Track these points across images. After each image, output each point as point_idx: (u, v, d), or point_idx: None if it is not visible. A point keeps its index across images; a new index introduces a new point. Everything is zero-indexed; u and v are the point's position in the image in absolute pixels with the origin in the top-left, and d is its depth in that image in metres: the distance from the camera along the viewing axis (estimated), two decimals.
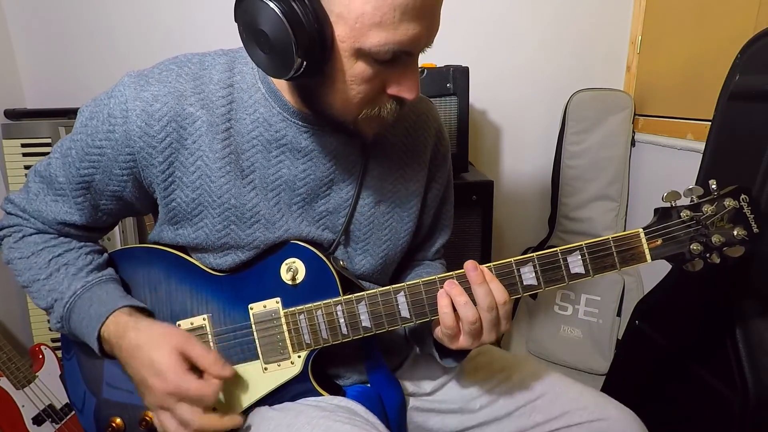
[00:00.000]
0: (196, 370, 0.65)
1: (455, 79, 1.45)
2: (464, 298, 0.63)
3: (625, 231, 0.65)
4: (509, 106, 1.84)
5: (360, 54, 0.57)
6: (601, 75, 1.81)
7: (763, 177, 0.91)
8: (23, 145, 1.46)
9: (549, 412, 0.77)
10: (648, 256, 0.65)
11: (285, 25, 0.53)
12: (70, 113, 1.50)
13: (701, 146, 1.11)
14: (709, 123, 1.07)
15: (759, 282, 0.92)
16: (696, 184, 1.07)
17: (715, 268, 0.66)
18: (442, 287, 0.66)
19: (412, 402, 0.84)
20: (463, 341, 0.65)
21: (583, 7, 1.76)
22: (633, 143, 1.76)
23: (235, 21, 0.59)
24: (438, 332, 0.68)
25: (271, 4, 0.53)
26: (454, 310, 0.64)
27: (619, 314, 1.71)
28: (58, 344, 1.48)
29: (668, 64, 1.61)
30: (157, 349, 0.64)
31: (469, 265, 0.65)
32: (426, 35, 0.58)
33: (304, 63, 0.56)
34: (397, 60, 0.59)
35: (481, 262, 0.65)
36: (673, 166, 1.57)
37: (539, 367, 0.85)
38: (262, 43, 0.57)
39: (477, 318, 0.63)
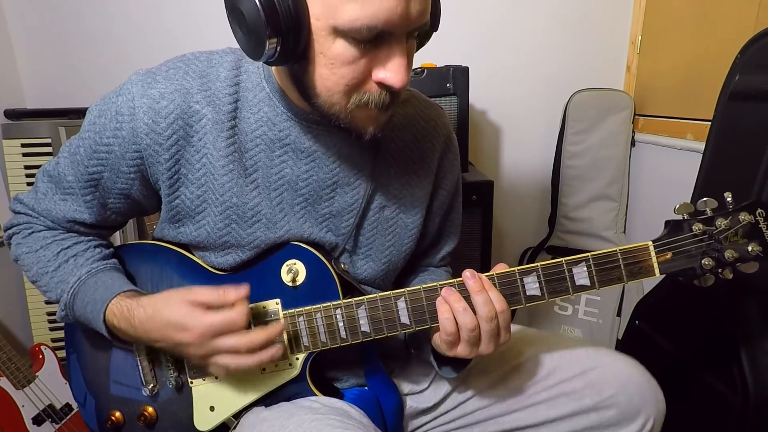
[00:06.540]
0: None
1: (455, 79, 1.45)
2: (462, 304, 0.63)
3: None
4: (509, 106, 1.84)
5: (337, 32, 0.54)
6: (601, 75, 1.81)
7: (763, 177, 0.91)
8: (23, 145, 1.46)
9: (538, 372, 0.76)
10: (657, 270, 0.63)
11: (257, 6, 0.52)
12: (70, 113, 1.50)
13: (701, 146, 1.12)
14: (709, 123, 1.07)
15: (759, 282, 0.92)
16: (696, 184, 1.08)
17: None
18: None
19: (409, 402, 0.83)
20: (461, 349, 0.65)
21: (583, 7, 1.76)
22: (633, 143, 1.76)
23: None
24: (436, 339, 0.68)
25: None
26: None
27: (619, 314, 1.71)
28: (58, 344, 1.49)
29: (668, 64, 1.61)
30: (166, 310, 0.64)
31: (468, 273, 0.64)
32: (403, 12, 0.53)
33: (278, 47, 0.55)
34: (380, 42, 0.55)
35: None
36: (673, 166, 1.57)
37: (528, 331, 0.84)
38: (240, 23, 0.57)
39: (476, 325, 0.63)
